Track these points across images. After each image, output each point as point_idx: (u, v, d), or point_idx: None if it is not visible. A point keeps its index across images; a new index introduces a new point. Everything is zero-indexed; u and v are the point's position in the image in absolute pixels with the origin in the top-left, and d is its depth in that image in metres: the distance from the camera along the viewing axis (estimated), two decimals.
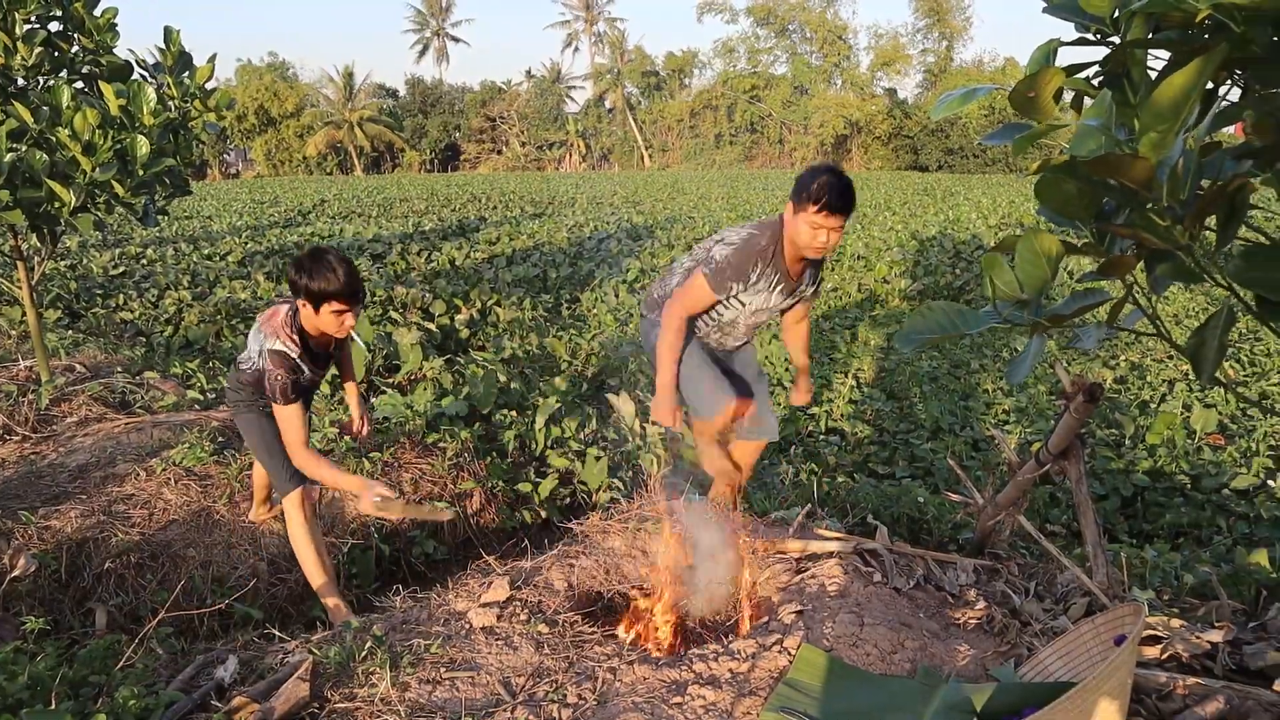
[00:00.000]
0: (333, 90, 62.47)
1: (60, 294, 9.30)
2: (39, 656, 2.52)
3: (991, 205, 20.84)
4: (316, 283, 2.93)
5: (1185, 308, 9.81)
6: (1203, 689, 2.27)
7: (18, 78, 4.64)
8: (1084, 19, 1.40)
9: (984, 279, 1.52)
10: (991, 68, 54.03)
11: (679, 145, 59.24)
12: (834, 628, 2.70)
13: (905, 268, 12.10)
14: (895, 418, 6.33)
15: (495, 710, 2.41)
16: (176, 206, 22.86)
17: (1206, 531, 4.37)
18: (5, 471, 4.24)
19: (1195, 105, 1.12)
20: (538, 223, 18.07)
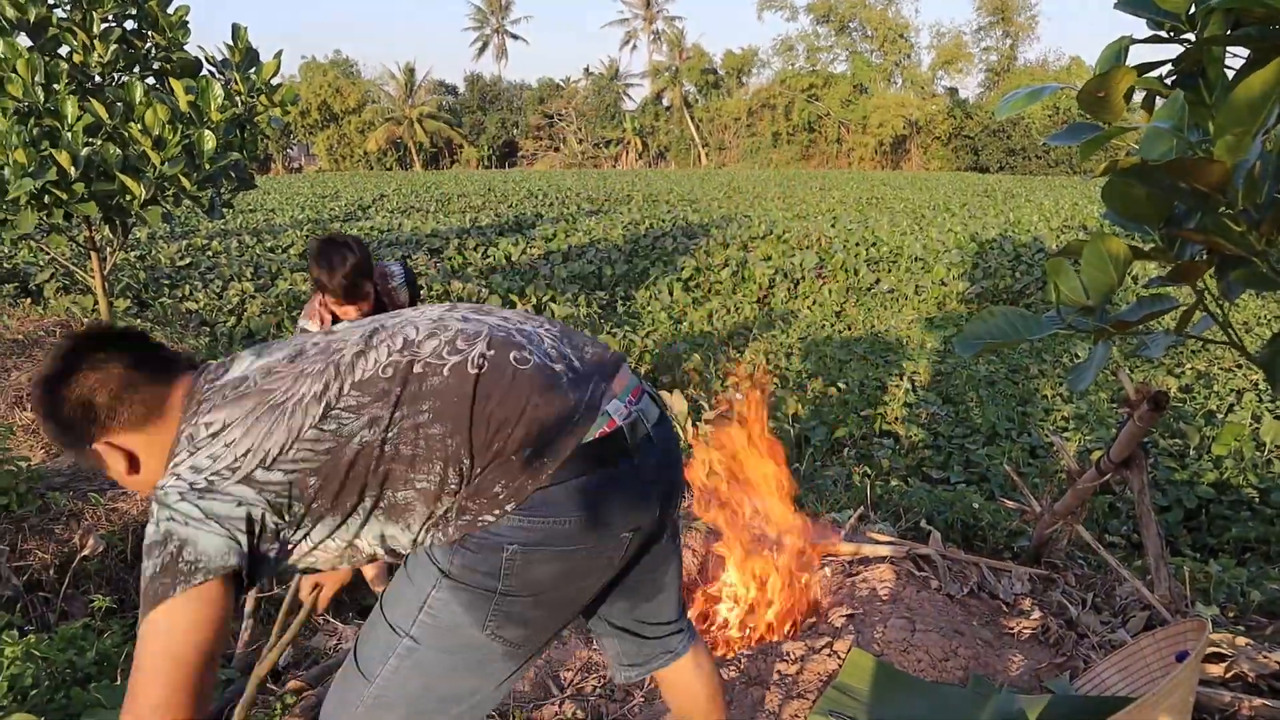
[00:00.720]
0: (394, 87, 63.44)
1: (130, 284, 9.59)
2: (106, 634, 2.61)
3: (1054, 207, 20.40)
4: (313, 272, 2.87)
5: (1256, 315, 9.50)
6: (1270, 710, 2.20)
7: (94, 74, 4.79)
8: (1158, 15, 1.36)
9: (1048, 283, 1.49)
10: (1056, 67, 52.87)
11: (736, 144, 58.99)
12: (885, 632, 2.67)
13: (964, 270, 11.90)
14: (951, 422, 6.24)
15: (544, 703, 2.43)
16: (241, 200, 23.41)
17: (1275, 547, 4.23)
18: None
19: (1275, 106, 1.08)
20: (594, 219, 18.15)
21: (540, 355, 1.38)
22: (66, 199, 4.32)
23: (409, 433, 1.29)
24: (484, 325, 1.41)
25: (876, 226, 15.85)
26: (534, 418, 1.30)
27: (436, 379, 1.31)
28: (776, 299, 11.18)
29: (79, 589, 3.42)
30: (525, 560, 1.30)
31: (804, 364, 8.01)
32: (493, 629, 1.35)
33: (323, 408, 1.29)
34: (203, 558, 1.20)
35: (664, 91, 62.52)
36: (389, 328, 1.41)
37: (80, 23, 4.58)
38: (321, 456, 1.27)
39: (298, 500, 1.28)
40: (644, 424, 1.42)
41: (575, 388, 1.35)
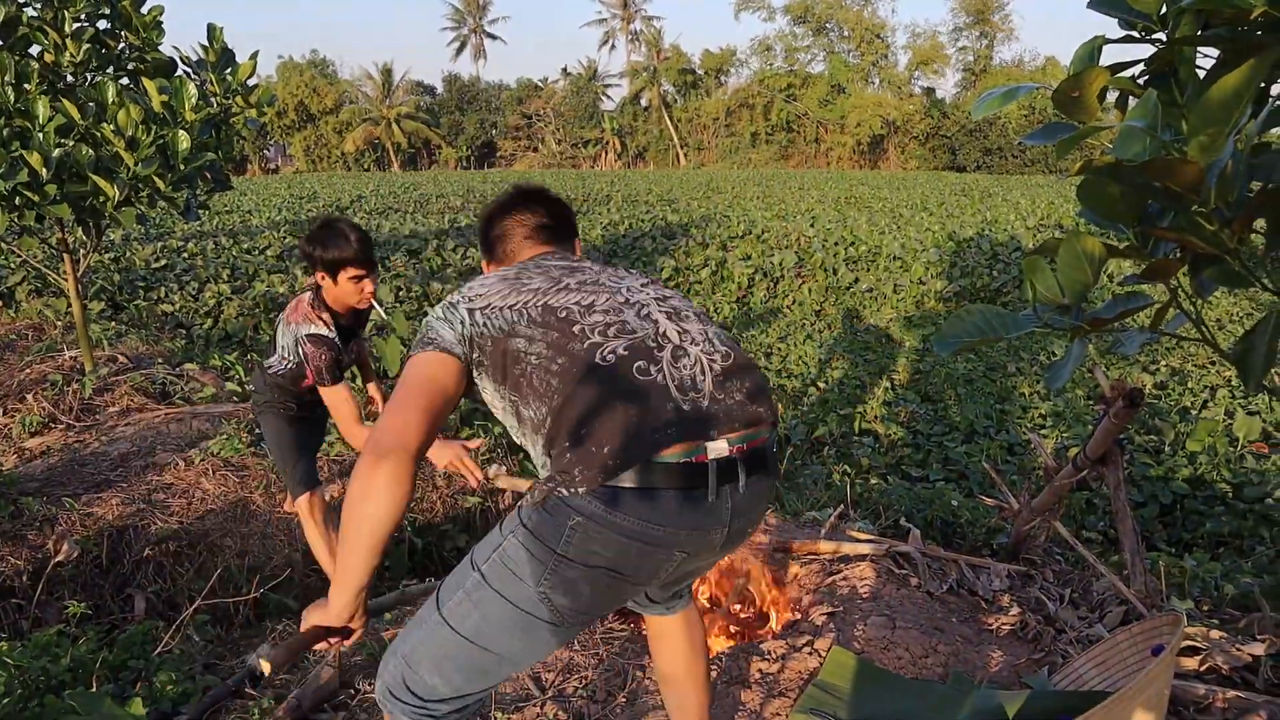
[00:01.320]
0: (371, 87, 63.06)
1: (104, 286, 9.48)
2: (80, 640, 2.57)
3: (1030, 206, 20.57)
4: (330, 251, 2.90)
5: (1229, 312, 9.62)
6: (1243, 703, 2.22)
7: (66, 74, 4.73)
8: (1130, 15, 1.37)
9: (1025, 282, 1.50)
10: (1032, 67, 53.31)
11: (714, 144, 59.08)
12: (865, 630, 2.68)
13: (942, 269, 11.98)
14: (930, 420, 6.27)
15: (525, 705, 2.42)
16: (217, 201, 23.21)
17: (1249, 541, 4.28)
18: (50, 459, 4.33)
19: (1247, 107, 1.09)
20: None
21: (667, 377, 1.50)
22: (38, 201, 4.26)
23: (540, 369, 1.50)
24: (649, 329, 1.58)
25: (855, 226, 15.92)
26: (619, 424, 1.43)
27: (577, 345, 1.51)
28: (756, 298, 11.21)
29: (53, 595, 3.38)
30: (585, 533, 1.43)
31: (784, 363, 8.03)
32: (546, 589, 1.47)
33: (523, 303, 1.59)
34: (440, 338, 1.59)
35: (642, 92, 62.51)
36: (599, 284, 1.66)
37: (51, 22, 4.52)
38: (499, 330, 1.56)
39: (478, 347, 1.58)
40: (738, 474, 1.49)
41: (679, 416, 1.45)
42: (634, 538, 1.43)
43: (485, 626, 1.52)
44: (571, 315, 1.55)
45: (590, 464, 1.41)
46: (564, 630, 1.54)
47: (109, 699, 2.06)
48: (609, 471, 1.40)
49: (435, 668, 1.56)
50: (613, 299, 1.61)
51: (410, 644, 1.59)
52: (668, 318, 1.61)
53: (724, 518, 1.49)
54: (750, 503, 1.54)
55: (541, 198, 1.91)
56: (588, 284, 1.65)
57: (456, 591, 1.56)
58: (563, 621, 1.52)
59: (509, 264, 1.85)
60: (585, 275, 1.69)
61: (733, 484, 1.48)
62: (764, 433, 1.55)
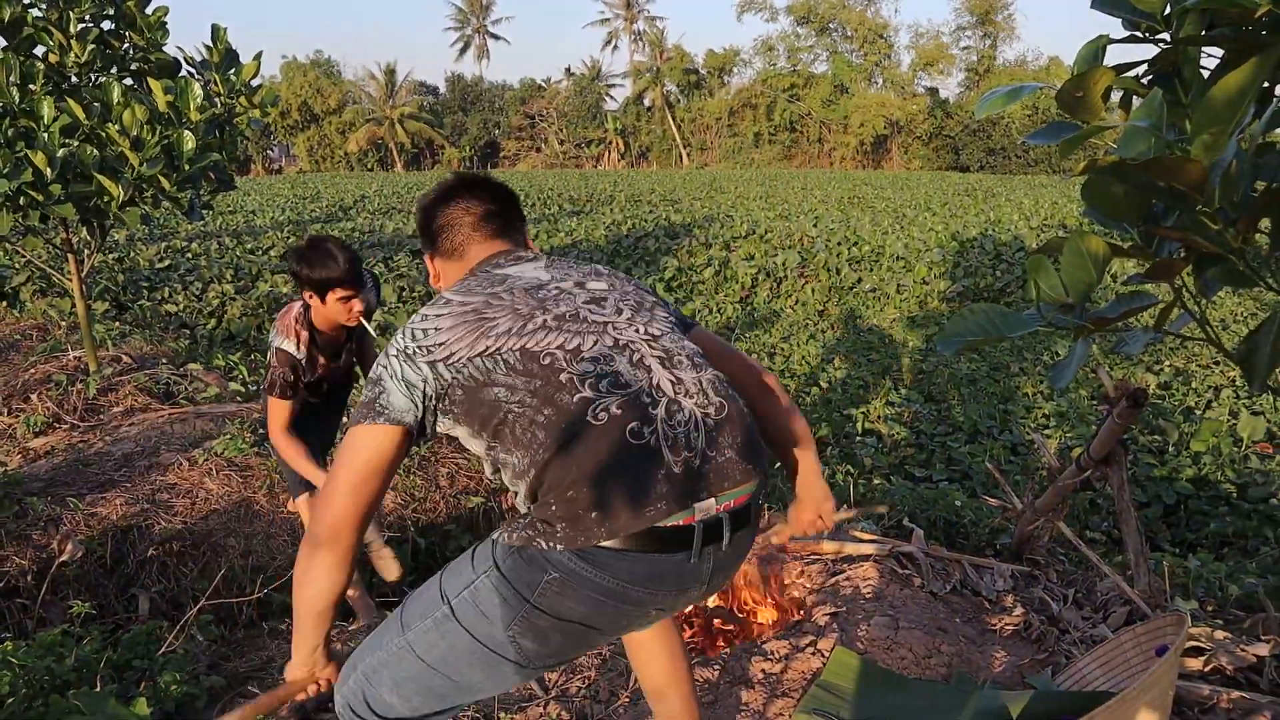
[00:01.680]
0: (374, 87, 63.09)
1: (108, 286, 9.50)
2: (85, 640, 2.58)
3: (1034, 206, 20.55)
4: (318, 272, 2.88)
5: (1233, 312, 9.60)
6: (1248, 703, 2.22)
7: (71, 75, 4.74)
8: (1134, 15, 1.37)
9: (1028, 281, 1.50)
10: (1035, 66, 53.22)
11: (717, 144, 59.06)
12: (868, 630, 2.68)
13: (945, 269, 11.97)
14: (933, 420, 6.27)
15: (528, 705, 2.43)
16: (221, 201, 23.24)
17: (1253, 542, 4.28)
18: (54, 459, 4.34)
19: (1251, 106, 1.09)
20: (576, 220, 18.13)
21: (660, 438, 1.42)
22: (43, 201, 4.26)
23: (524, 419, 1.44)
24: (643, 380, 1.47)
25: (858, 226, 15.92)
26: (608, 493, 1.38)
27: (566, 398, 1.43)
28: (759, 298, 11.20)
29: (57, 595, 3.39)
30: (560, 589, 1.41)
31: (787, 363, 8.03)
32: (515, 633, 1.46)
33: (495, 349, 1.48)
34: (390, 408, 1.48)
35: (645, 91, 62.50)
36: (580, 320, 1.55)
37: (56, 22, 4.53)
38: (472, 381, 1.47)
39: (448, 398, 1.49)
40: (722, 533, 1.46)
41: (670, 481, 1.40)
42: (610, 597, 1.42)
43: (450, 657, 1.51)
44: (557, 362, 1.46)
45: (575, 525, 1.38)
46: (529, 671, 1.53)
47: (113, 699, 2.06)
48: (592, 536, 1.38)
49: (395, 688, 1.55)
50: (600, 342, 1.51)
51: (371, 662, 1.58)
52: (661, 364, 1.51)
53: (704, 576, 1.48)
54: (732, 558, 1.52)
55: (485, 184, 1.81)
56: (567, 319, 1.54)
57: (424, 619, 1.54)
58: (529, 664, 1.51)
59: (457, 260, 1.75)
60: (562, 306, 1.57)
61: (717, 544, 1.45)
62: (751, 488, 1.51)
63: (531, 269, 1.68)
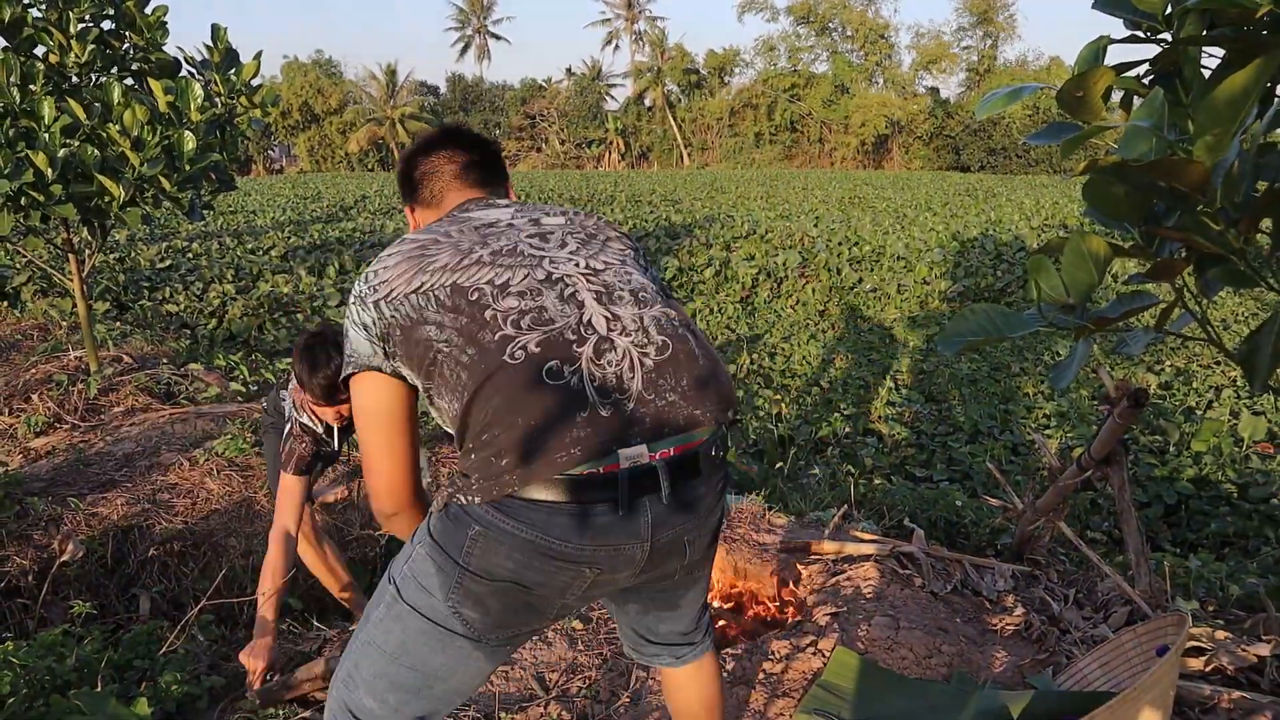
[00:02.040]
0: (375, 88, 63.11)
1: (109, 286, 9.50)
2: (86, 640, 2.58)
3: (1035, 206, 20.54)
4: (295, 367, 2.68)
5: (1234, 312, 9.60)
6: (1249, 703, 2.22)
7: (71, 75, 4.74)
8: (1134, 15, 1.37)
9: (1029, 281, 1.50)
10: (1036, 66, 53.20)
11: (718, 144, 59.05)
12: (869, 630, 2.68)
13: (946, 269, 11.97)
14: (933, 420, 6.27)
15: (529, 705, 2.43)
16: (221, 201, 23.23)
17: (1254, 542, 4.27)
18: (55, 459, 4.34)
19: (1254, 106, 1.09)
20: None
21: (585, 378, 1.32)
22: (44, 201, 4.27)
23: (450, 359, 1.37)
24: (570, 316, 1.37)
25: (859, 226, 15.91)
26: (519, 438, 1.29)
27: (488, 335, 1.35)
28: (760, 298, 11.20)
29: (58, 595, 3.39)
30: (485, 545, 1.33)
31: (787, 363, 8.02)
32: (454, 602, 1.38)
33: (428, 286, 1.42)
34: (357, 354, 1.46)
35: (646, 91, 62.49)
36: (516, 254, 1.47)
37: (56, 22, 4.53)
38: (407, 319, 1.40)
39: (390, 340, 1.43)
40: (659, 483, 1.33)
41: (593, 425, 1.29)
42: (534, 551, 1.31)
43: (407, 642, 1.43)
44: (483, 298, 1.37)
45: (488, 474, 1.30)
46: (486, 648, 1.44)
47: (114, 699, 2.06)
48: (504, 485, 1.29)
49: (368, 689, 1.48)
50: (531, 275, 1.41)
51: (346, 666, 1.52)
52: (596, 299, 1.40)
53: (641, 532, 1.34)
54: (680, 513, 1.38)
55: (469, 135, 1.74)
56: (503, 254, 1.45)
57: (378, 606, 1.48)
58: (480, 637, 1.41)
59: (434, 208, 1.71)
60: (503, 241, 1.49)
61: (653, 494, 1.33)
62: (701, 434, 1.38)
63: (496, 213, 1.60)
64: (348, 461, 4.50)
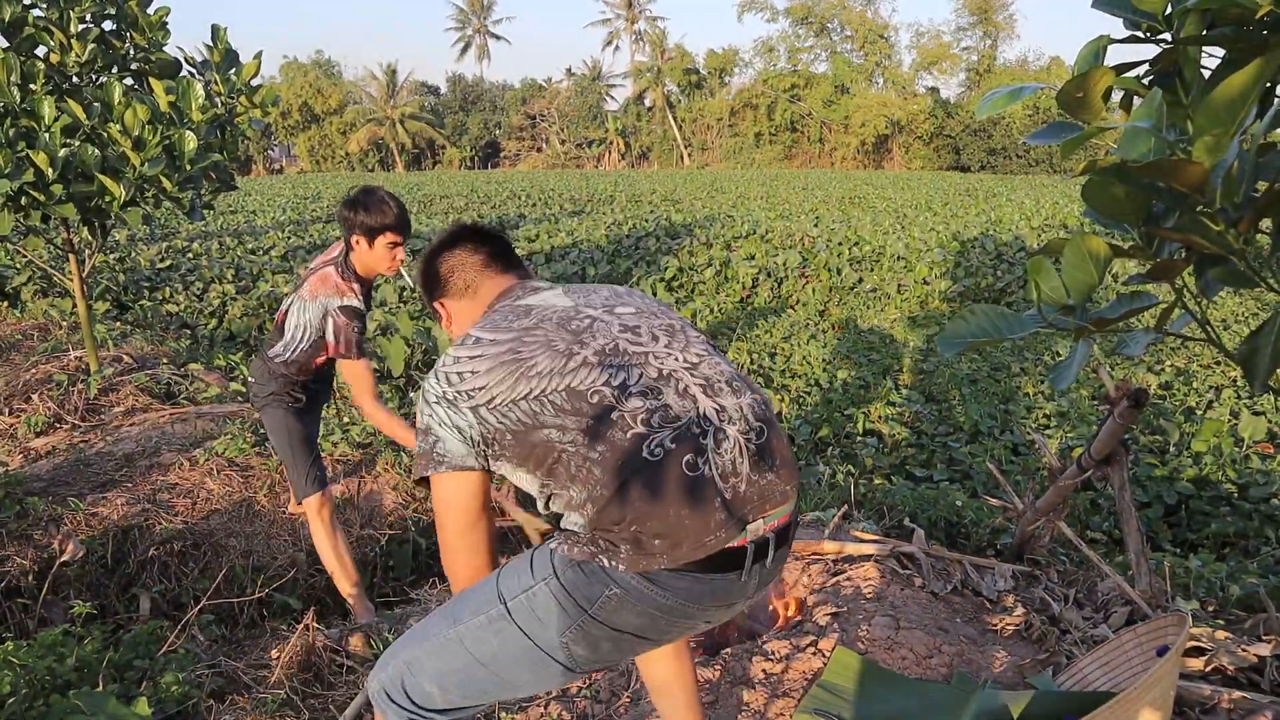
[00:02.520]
0: (375, 88, 63.16)
1: (109, 286, 9.50)
2: (86, 640, 2.58)
3: (1035, 206, 20.54)
4: (373, 217, 3.01)
5: (1234, 312, 9.60)
6: (1249, 704, 2.22)
7: (72, 75, 4.74)
8: (1134, 15, 1.37)
9: (1029, 282, 1.50)
10: (1036, 67, 53.23)
11: (718, 144, 59.07)
12: (869, 630, 2.68)
13: (946, 269, 11.96)
14: (934, 420, 6.27)
15: (529, 705, 2.43)
16: (221, 201, 23.23)
17: (1254, 542, 4.27)
18: (55, 459, 4.34)
19: (1253, 107, 1.09)
20: (576, 220, 18.13)
21: (714, 467, 1.46)
22: (44, 201, 4.27)
23: (578, 457, 1.46)
24: (690, 411, 1.50)
25: (859, 226, 15.91)
26: (671, 525, 1.42)
27: (619, 435, 1.46)
28: (760, 298, 11.20)
29: (58, 595, 3.39)
30: (619, 604, 1.46)
31: (787, 363, 8.03)
32: (569, 639, 1.50)
33: (539, 391, 1.50)
34: (449, 455, 1.54)
35: (646, 91, 62.52)
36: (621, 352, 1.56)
37: (57, 22, 4.53)
38: (520, 425, 1.50)
39: (497, 444, 1.52)
40: (768, 550, 1.51)
41: (725, 509, 1.44)
42: (668, 613, 1.47)
43: (501, 655, 1.55)
44: (605, 399, 1.48)
45: (639, 549, 1.43)
46: (574, 675, 1.57)
47: (114, 698, 2.06)
48: (656, 562, 1.42)
49: (437, 679, 1.59)
50: (645, 374, 1.53)
51: (416, 652, 1.61)
52: (704, 393, 1.54)
53: (750, 591, 1.54)
54: (773, 572, 1.58)
55: (485, 230, 1.85)
56: (608, 353, 1.55)
57: (478, 615, 1.56)
58: (577, 668, 1.55)
59: (470, 297, 1.80)
60: (600, 339, 1.57)
61: (763, 561, 1.52)
62: (790, 506, 1.57)
63: (552, 296, 1.71)
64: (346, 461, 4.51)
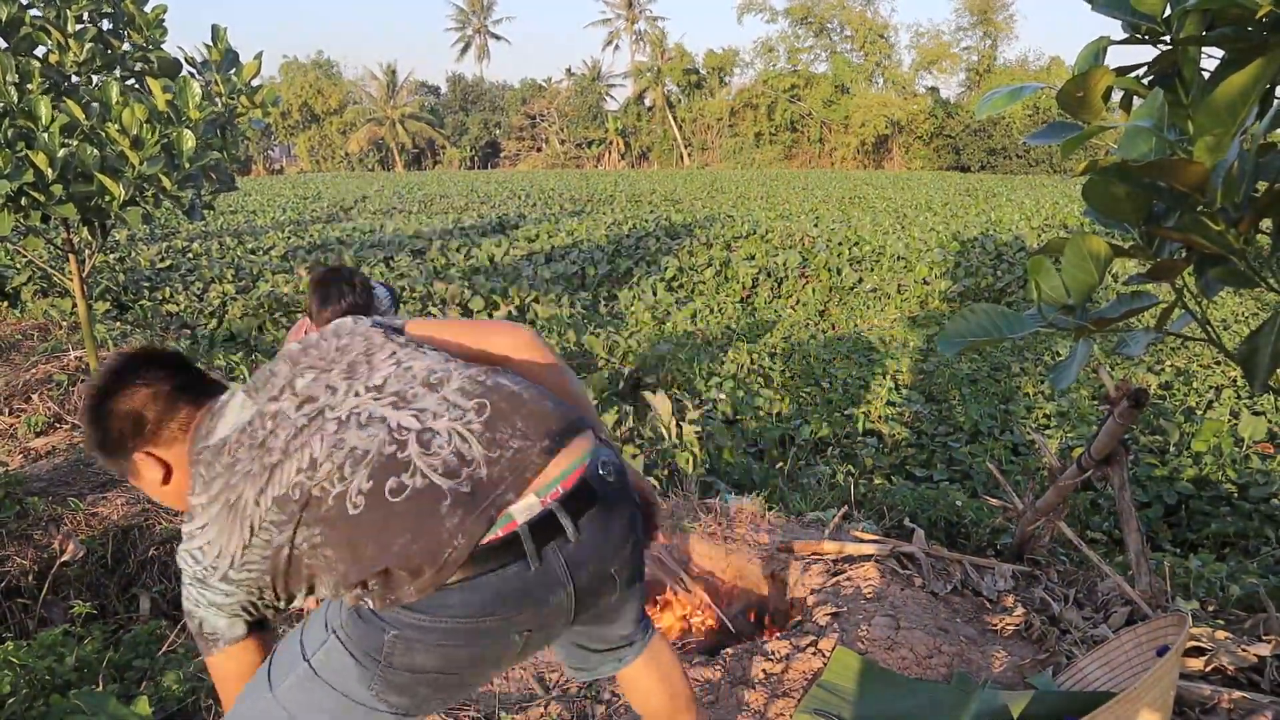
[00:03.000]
0: (375, 87, 63.16)
1: (109, 286, 9.50)
2: (86, 640, 2.58)
3: (1035, 206, 20.54)
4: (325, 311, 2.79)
5: (1235, 312, 9.60)
6: (1249, 704, 2.22)
7: (70, 74, 4.74)
8: (1134, 17, 1.37)
9: (1029, 282, 1.50)
10: (1036, 67, 53.20)
11: (718, 144, 59.04)
12: (869, 630, 2.68)
13: (946, 269, 11.97)
14: (934, 420, 6.27)
15: (529, 705, 2.42)
16: (222, 201, 23.24)
17: (1254, 542, 4.27)
18: (55, 459, 4.34)
19: (1253, 107, 1.09)
20: (576, 220, 18.13)
21: (426, 473, 1.32)
22: (44, 201, 4.27)
23: (310, 550, 1.35)
24: (378, 436, 1.36)
25: (859, 226, 15.91)
26: (407, 554, 1.28)
27: (324, 508, 1.33)
28: (760, 298, 11.20)
29: (59, 595, 3.39)
30: (405, 647, 1.33)
31: (787, 363, 8.03)
32: (378, 691, 1.38)
33: (254, 523, 1.37)
34: (217, 632, 1.44)
35: (646, 91, 62.48)
36: (299, 432, 1.40)
37: (54, 21, 4.53)
38: (265, 561, 1.37)
39: (266, 589, 1.41)
40: (560, 525, 1.34)
41: (463, 507, 1.30)
42: (457, 637, 1.32)
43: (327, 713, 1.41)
44: (302, 487, 1.34)
45: (396, 585, 1.30)
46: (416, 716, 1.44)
47: (114, 698, 2.06)
48: (419, 584, 1.29)
49: None
50: (324, 438, 1.38)
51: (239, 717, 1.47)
52: (394, 408, 1.39)
53: (560, 577, 1.34)
54: (597, 543, 1.39)
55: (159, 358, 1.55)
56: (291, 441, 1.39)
57: (290, 675, 1.42)
58: (409, 712, 1.42)
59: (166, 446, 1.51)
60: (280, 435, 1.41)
61: (559, 538, 1.33)
62: (583, 459, 1.39)
63: (234, 412, 1.48)
64: None
